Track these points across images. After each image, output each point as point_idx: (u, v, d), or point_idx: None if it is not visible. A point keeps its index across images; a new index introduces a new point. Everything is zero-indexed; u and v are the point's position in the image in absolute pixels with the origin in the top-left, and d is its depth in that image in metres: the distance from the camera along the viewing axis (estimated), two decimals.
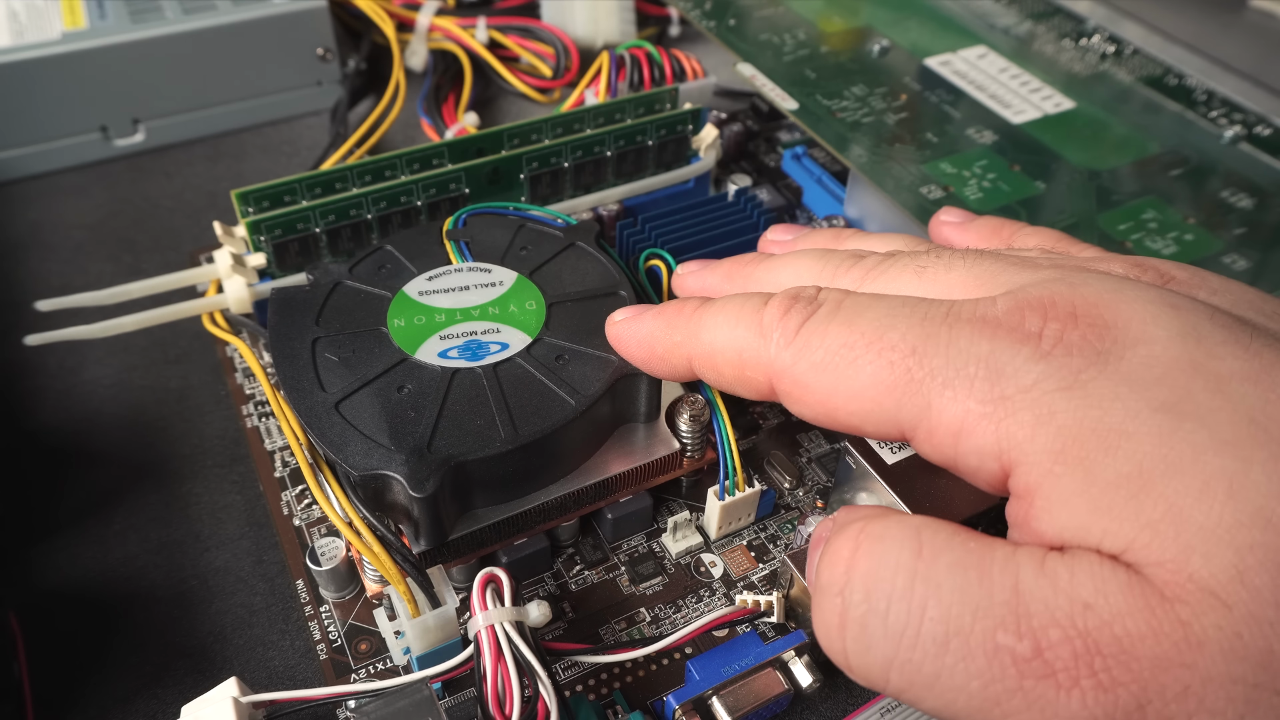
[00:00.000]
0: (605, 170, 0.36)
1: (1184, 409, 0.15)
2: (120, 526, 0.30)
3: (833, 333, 0.18)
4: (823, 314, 0.18)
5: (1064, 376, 0.16)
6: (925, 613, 0.15)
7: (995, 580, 0.15)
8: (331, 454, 0.24)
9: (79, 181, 0.43)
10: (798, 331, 0.18)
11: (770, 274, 0.22)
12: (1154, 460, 0.15)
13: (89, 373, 0.34)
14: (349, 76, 0.47)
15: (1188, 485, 0.14)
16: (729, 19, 0.45)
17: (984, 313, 0.17)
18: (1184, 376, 0.15)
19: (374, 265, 0.29)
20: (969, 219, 0.26)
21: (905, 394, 0.17)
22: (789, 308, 0.19)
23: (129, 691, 0.26)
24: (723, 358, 0.20)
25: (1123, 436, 0.15)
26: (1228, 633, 0.13)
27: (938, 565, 0.16)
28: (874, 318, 0.18)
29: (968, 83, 0.41)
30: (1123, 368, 0.15)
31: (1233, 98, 0.41)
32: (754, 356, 0.19)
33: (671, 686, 0.25)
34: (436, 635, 0.24)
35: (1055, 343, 0.16)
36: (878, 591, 0.16)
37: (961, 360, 0.16)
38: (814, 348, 0.18)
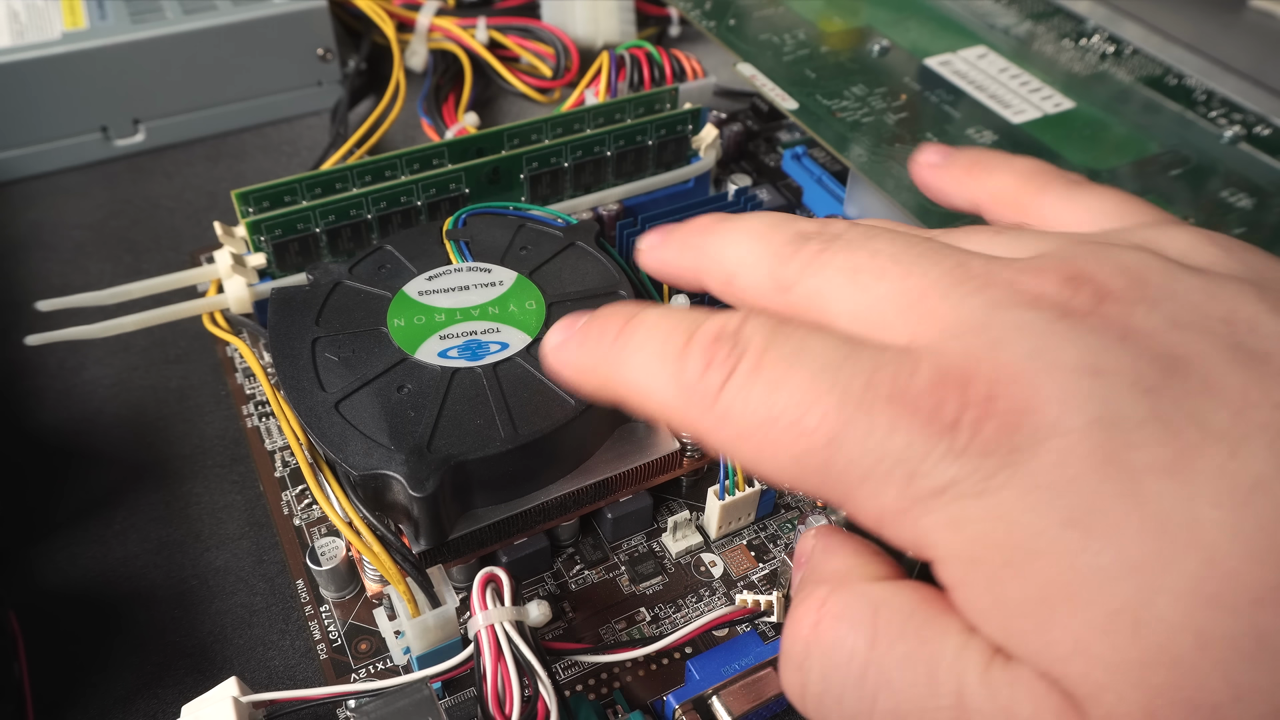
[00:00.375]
0: (605, 170, 0.36)
1: (1092, 524, 0.14)
2: (120, 526, 0.30)
3: (753, 404, 0.17)
4: (743, 373, 0.18)
5: (976, 481, 0.15)
6: (876, 704, 0.16)
7: (942, 682, 0.15)
8: (331, 454, 0.24)
9: (79, 181, 0.43)
10: (718, 395, 0.18)
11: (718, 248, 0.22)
12: (1058, 588, 0.14)
13: (89, 373, 0.34)
14: (349, 76, 0.47)
15: (1093, 618, 0.14)
16: (729, 19, 0.45)
17: (903, 388, 0.16)
18: (1095, 478, 0.14)
19: (374, 265, 0.29)
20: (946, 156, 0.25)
21: (825, 481, 0.17)
22: (710, 359, 0.18)
23: (129, 691, 0.26)
24: (648, 407, 0.20)
25: (1030, 556, 0.14)
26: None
27: (891, 657, 0.16)
28: (794, 390, 0.17)
29: (968, 83, 0.41)
30: (1034, 470, 0.15)
31: (1232, 98, 0.41)
32: (678, 417, 0.19)
33: (671, 686, 0.25)
34: (436, 635, 0.24)
35: (970, 438, 0.15)
36: (833, 677, 0.16)
37: (877, 455, 0.16)
38: (734, 419, 0.18)
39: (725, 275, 0.21)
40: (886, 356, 0.17)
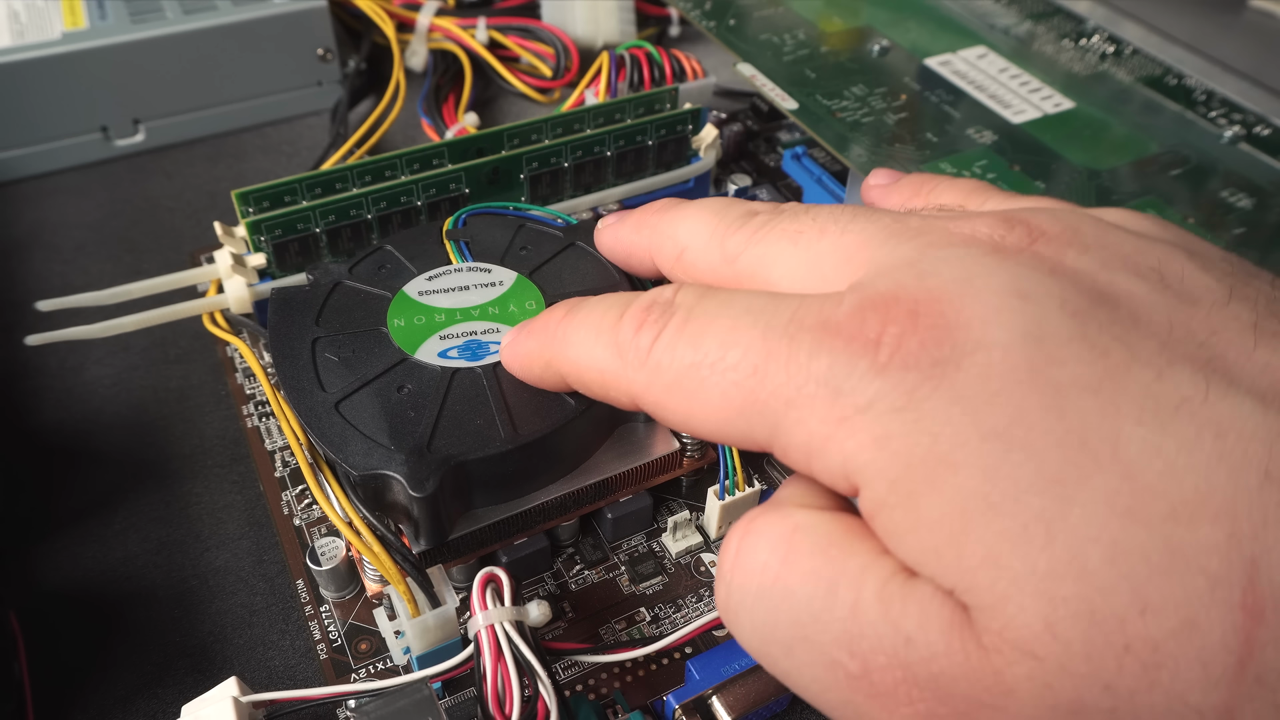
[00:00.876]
0: (605, 170, 0.36)
1: (1013, 435, 0.14)
2: (120, 526, 0.30)
3: (680, 352, 0.18)
4: (672, 328, 0.18)
5: (899, 395, 0.15)
6: (779, 616, 0.16)
7: (840, 596, 0.16)
8: (331, 454, 0.24)
9: (80, 182, 0.43)
10: (649, 351, 0.18)
11: (671, 225, 0.23)
12: (976, 499, 0.14)
13: (89, 373, 0.34)
14: (349, 76, 0.47)
15: (1007, 529, 0.14)
16: (729, 19, 0.45)
17: (827, 316, 0.16)
18: (1020, 391, 0.14)
19: (374, 265, 0.29)
20: (895, 179, 0.25)
21: (754, 415, 0.17)
22: (642, 322, 0.19)
23: (129, 691, 0.26)
24: (588, 377, 0.20)
25: (949, 469, 0.14)
26: (1038, 683, 0.14)
27: (797, 572, 0.16)
28: (719, 332, 0.17)
29: (968, 83, 0.41)
30: (958, 383, 0.15)
31: (1232, 98, 0.41)
32: (614, 379, 0.19)
33: (671, 686, 0.25)
34: (436, 635, 0.24)
35: (892, 353, 0.15)
36: (749, 588, 0.17)
37: (802, 378, 0.16)
38: (664, 369, 0.18)
39: (676, 250, 0.22)
40: (813, 297, 0.17)
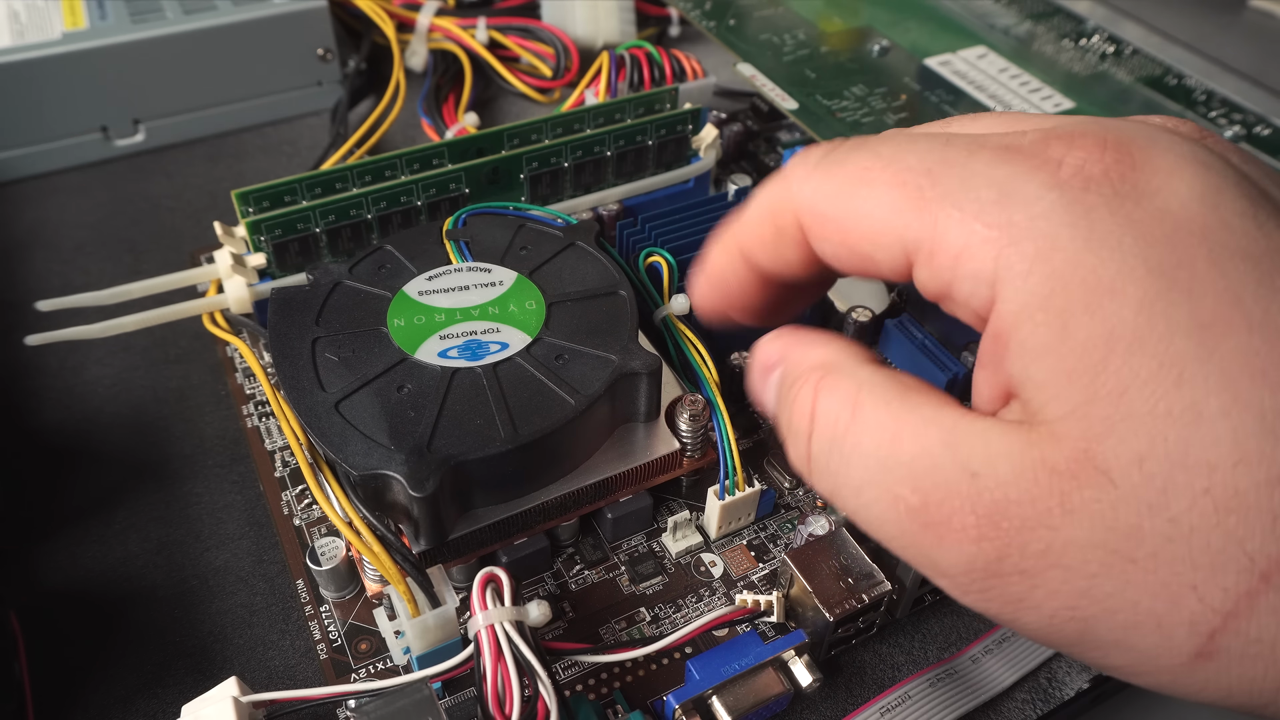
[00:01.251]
0: (605, 170, 0.36)
1: (1177, 277, 0.15)
2: (120, 526, 0.30)
3: (852, 160, 0.18)
4: (846, 148, 0.19)
5: (1074, 210, 0.15)
6: (851, 463, 0.18)
7: (904, 445, 0.17)
8: (331, 454, 0.24)
9: (79, 181, 0.43)
10: (818, 165, 0.19)
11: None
12: (1127, 329, 0.15)
13: (90, 373, 0.34)
14: (349, 76, 0.47)
15: (1145, 364, 0.15)
16: (729, 19, 0.45)
17: (1009, 142, 0.17)
18: (1190, 240, 0.15)
19: (374, 265, 0.29)
20: None
21: (915, 213, 0.17)
22: (813, 151, 0.19)
23: (129, 691, 0.26)
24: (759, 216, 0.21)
25: (1109, 294, 0.15)
26: (1104, 505, 0.14)
27: (867, 424, 0.17)
28: (895, 145, 0.18)
29: (968, 83, 0.41)
30: (1135, 216, 0.15)
31: (1233, 98, 0.41)
32: (780, 199, 0.20)
33: (671, 686, 0.25)
34: (436, 635, 0.24)
35: (1075, 171, 0.16)
36: (823, 442, 0.18)
37: (976, 182, 0.16)
38: (833, 176, 0.18)
39: None
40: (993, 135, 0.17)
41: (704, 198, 0.36)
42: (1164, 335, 0.14)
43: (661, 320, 0.31)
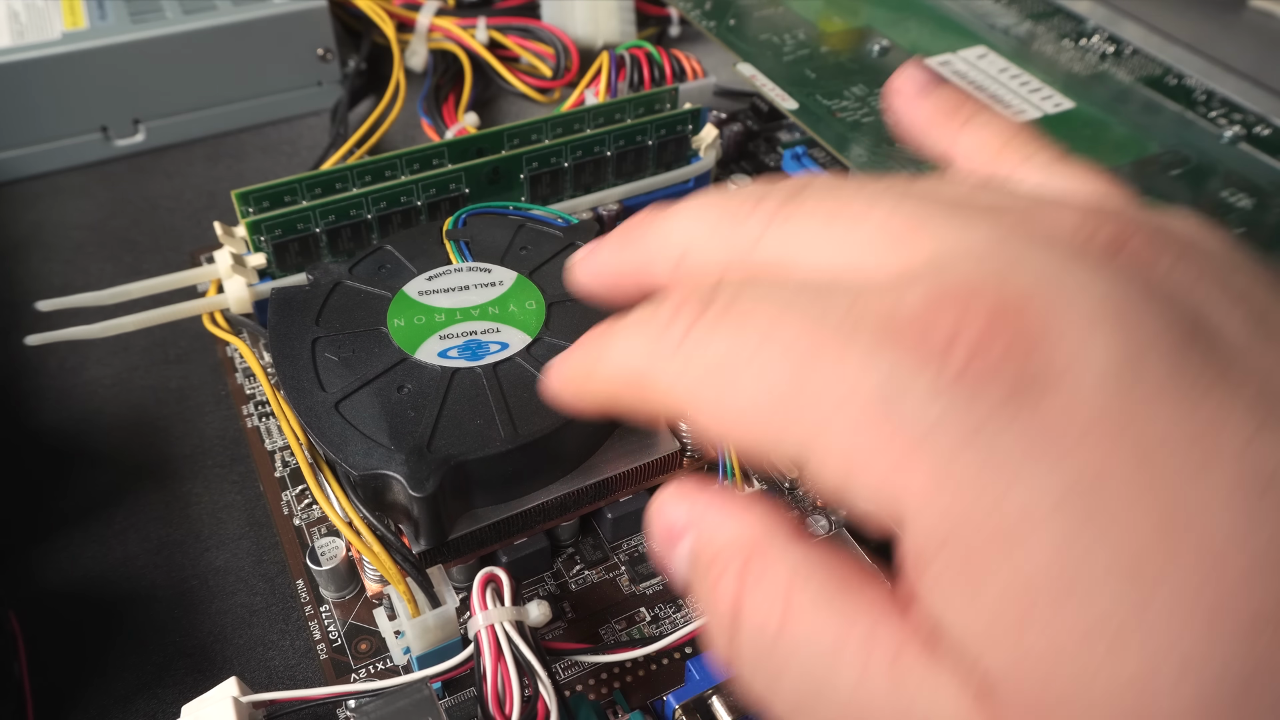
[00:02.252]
0: (605, 170, 0.36)
1: (1095, 501, 0.12)
2: (120, 526, 0.30)
3: (719, 338, 0.15)
4: (711, 314, 0.16)
5: (968, 422, 0.13)
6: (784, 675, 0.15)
7: (845, 662, 0.14)
8: (331, 454, 0.24)
9: (79, 181, 0.43)
10: (684, 338, 0.16)
11: (663, 232, 0.19)
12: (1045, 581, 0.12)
13: (89, 373, 0.34)
14: (349, 76, 0.47)
15: (1073, 624, 0.12)
16: (729, 19, 0.45)
17: (889, 310, 0.14)
18: (1107, 442, 0.13)
19: (374, 265, 0.29)
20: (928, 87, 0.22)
21: (790, 419, 0.15)
22: (679, 309, 0.16)
23: (129, 691, 0.26)
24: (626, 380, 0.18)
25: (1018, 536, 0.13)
26: None
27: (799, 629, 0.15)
28: (763, 320, 0.15)
29: (968, 83, 0.41)
30: (1039, 416, 0.13)
31: (1232, 98, 0.41)
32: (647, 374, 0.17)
33: (671, 686, 0.25)
34: (436, 635, 0.24)
35: (965, 363, 0.13)
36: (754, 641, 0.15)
37: (851, 385, 0.14)
38: (699, 356, 0.16)
39: (674, 256, 0.19)
40: (872, 286, 0.15)
41: None
42: (1087, 588, 0.12)
43: None
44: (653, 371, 0.17)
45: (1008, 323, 0.13)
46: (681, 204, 0.19)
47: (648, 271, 0.19)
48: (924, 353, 0.13)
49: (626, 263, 0.20)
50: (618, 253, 0.20)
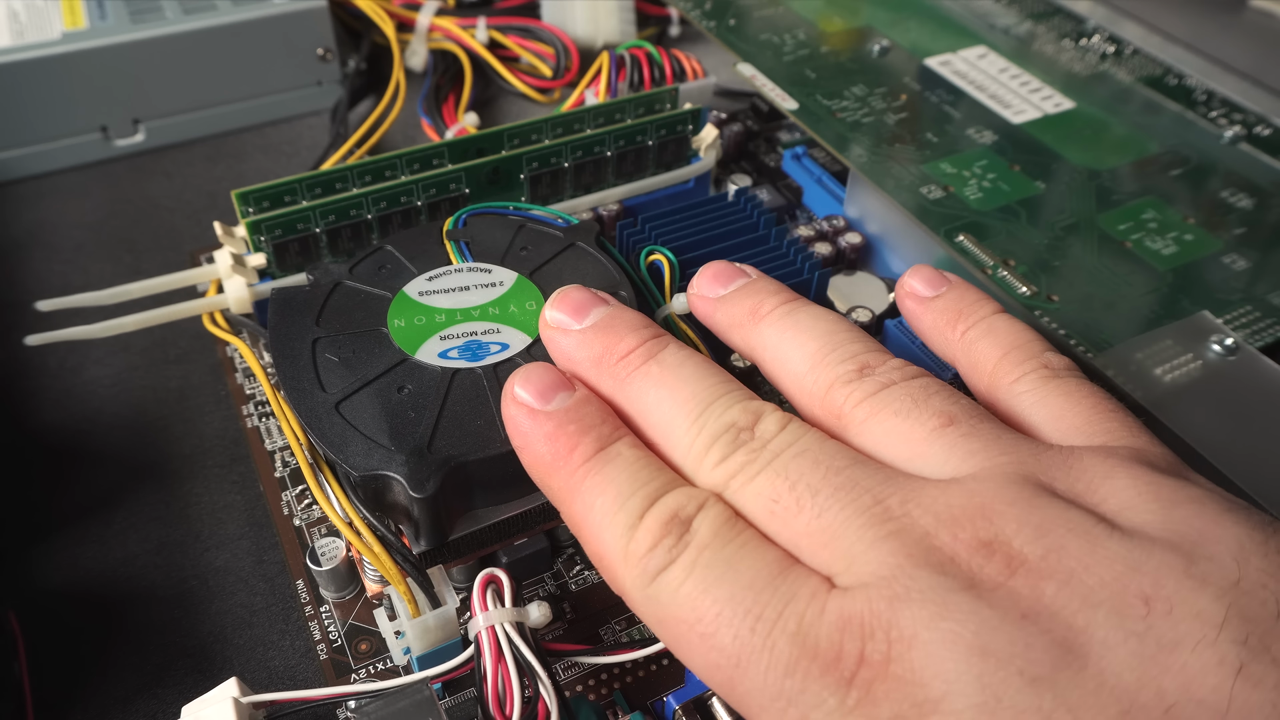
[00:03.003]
0: (605, 170, 0.36)
1: None
2: (120, 526, 0.30)
3: (679, 600, 0.18)
4: (679, 570, 0.18)
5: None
6: None
7: None
8: (331, 454, 0.24)
9: (79, 181, 0.43)
10: (653, 580, 0.18)
11: (642, 394, 0.21)
12: None
13: (89, 373, 0.34)
14: (349, 76, 0.47)
15: None
16: (729, 19, 0.45)
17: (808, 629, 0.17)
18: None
19: (374, 265, 0.29)
20: (936, 288, 0.25)
21: (730, 696, 0.18)
22: (657, 541, 0.19)
23: (129, 691, 0.26)
24: (586, 544, 0.20)
25: None
26: None
27: None
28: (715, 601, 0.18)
29: (968, 83, 0.41)
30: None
31: (1233, 98, 0.41)
32: (610, 573, 0.20)
33: (671, 686, 0.25)
34: (436, 635, 0.24)
35: (861, 698, 0.16)
36: None
37: (776, 691, 0.17)
38: (660, 605, 0.18)
39: (648, 436, 0.21)
40: (804, 589, 0.17)
41: (704, 198, 0.36)
42: None
43: (663, 320, 0.31)
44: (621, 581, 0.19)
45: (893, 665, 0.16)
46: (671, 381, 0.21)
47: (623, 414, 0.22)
48: (831, 680, 0.16)
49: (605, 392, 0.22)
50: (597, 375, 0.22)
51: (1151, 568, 0.16)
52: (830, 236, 0.37)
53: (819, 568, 0.18)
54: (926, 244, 0.34)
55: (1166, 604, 0.15)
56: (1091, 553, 0.16)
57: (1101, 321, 0.30)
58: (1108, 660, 0.15)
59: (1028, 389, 0.22)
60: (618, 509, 0.19)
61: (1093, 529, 0.17)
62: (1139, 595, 0.15)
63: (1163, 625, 0.15)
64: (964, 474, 0.18)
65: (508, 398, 0.22)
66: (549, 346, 0.24)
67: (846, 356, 0.22)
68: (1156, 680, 0.15)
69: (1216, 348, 0.28)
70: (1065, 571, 0.16)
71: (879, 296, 0.35)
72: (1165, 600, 0.15)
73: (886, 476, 0.19)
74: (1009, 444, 0.19)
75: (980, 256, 0.32)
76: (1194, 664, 0.15)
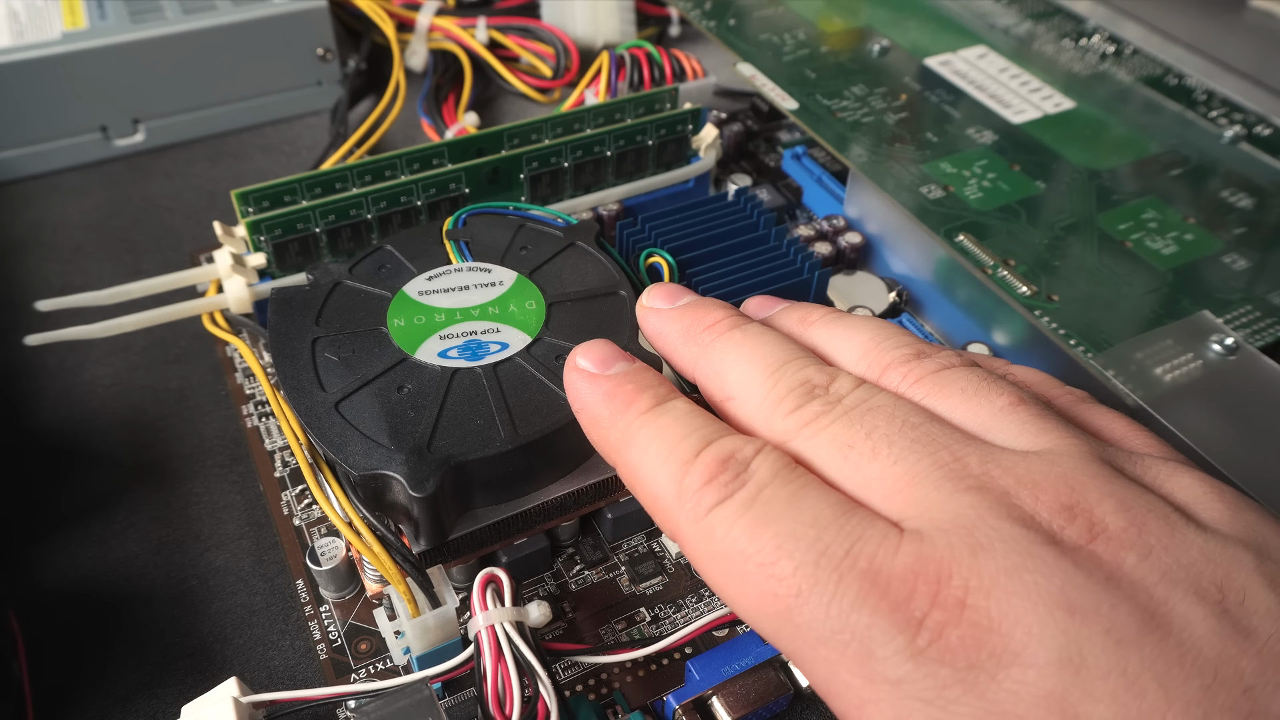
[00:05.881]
0: (605, 170, 0.36)
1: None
2: (120, 526, 0.30)
3: (735, 533, 0.18)
4: (737, 504, 0.18)
5: (929, 687, 0.15)
6: None
7: None
8: (331, 454, 0.24)
9: (79, 181, 0.43)
10: (708, 513, 0.18)
11: (721, 361, 0.22)
12: None
13: (89, 373, 0.34)
14: (349, 76, 0.47)
15: None
16: (729, 19, 0.45)
17: (880, 566, 0.16)
18: None
19: (374, 265, 0.29)
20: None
21: (782, 629, 0.17)
22: (712, 476, 0.18)
23: (129, 691, 0.26)
24: (640, 490, 0.20)
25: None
26: None
27: None
28: (777, 534, 0.17)
29: (968, 83, 0.41)
30: (988, 695, 0.15)
31: (1233, 98, 0.41)
32: (664, 513, 0.19)
33: (671, 686, 0.25)
34: (436, 635, 0.24)
35: (931, 640, 0.15)
36: None
37: (839, 624, 0.16)
38: (715, 539, 0.18)
39: (724, 394, 0.21)
40: (874, 530, 0.17)
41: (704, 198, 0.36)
42: None
43: None
44: (671, 519, 0.19)
45: (969, 611, 0.15)
46: (746, 345, 0.22)
47: (699, 382, 0.22)
48: (900, 620, 0.16)
49: (683, 358, 0.23)
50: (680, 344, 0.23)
51: (1225, 560, 0.16)
52: (830, 236, 0.37)
53: (889, 514, 0.17)
54: (926, 244, 0.34)
55: (1239, 594, 0.16)
56: (1170, 535, 0.16)
57: (1101, 321, 0.30)
58: (1189, 634, 0.15)
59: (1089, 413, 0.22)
60: (672, 450, 0.19)
61: (1170, 514, 0.17)
62: (1213, 582, 0.16)
63: (1237, 612, 0.15)
64: (1038, 449, 0.18)
65: (569, 367, 0.22)
66: (642, 323, 0.25)
67: (902, 344, 0.22)
68: (1235, 660, 0.15)
69: (1216, 347, 0.28)
70: (1145, 546, 0.16)
71: (879, 296, 0.35)
72: (1238, 591, 0.16)
73: (964, 438, 0.18)
74: (1078, 430, 0.19)
75: (980, 256, 0.32)
76: (1268, 653, 0.15)
